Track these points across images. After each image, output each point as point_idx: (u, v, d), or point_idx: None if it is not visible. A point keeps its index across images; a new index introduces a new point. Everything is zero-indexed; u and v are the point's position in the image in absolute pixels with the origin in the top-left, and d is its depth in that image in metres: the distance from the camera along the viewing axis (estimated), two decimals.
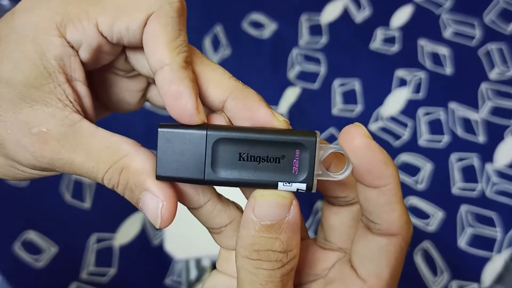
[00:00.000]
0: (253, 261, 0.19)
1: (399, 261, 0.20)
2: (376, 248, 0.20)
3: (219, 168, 0.20)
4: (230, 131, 0.19)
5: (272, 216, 0.19)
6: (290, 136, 0.19)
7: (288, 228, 0.19)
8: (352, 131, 0.19)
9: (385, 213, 0.19)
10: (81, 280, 0.51)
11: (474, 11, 0.69)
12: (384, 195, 0.19)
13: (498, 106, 0.62)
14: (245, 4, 0.69)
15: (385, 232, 0.20)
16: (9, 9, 0.22)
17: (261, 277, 0.19)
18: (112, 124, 0.64)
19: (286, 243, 0.19)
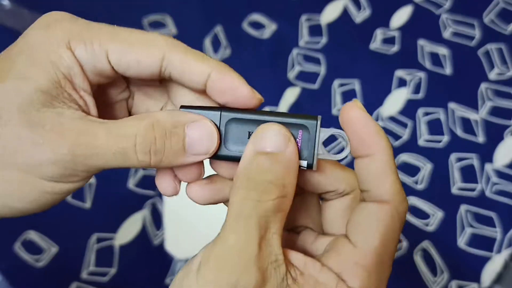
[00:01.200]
0: (242, 190, 0.19)
1: (390, 229, 0.20)
2: (367, 214, 0.20)
3: (230, 144, 0.22)
4: (241, 113, 0.21)
5: (269, 142, 0.20)
6: (295, 118, 0.21)
7: (283, 163, 0.20)
8: (350, 105, 0.21)
9: (376, 180, 0.20)
10: (81, 280, 0.52)
11: (473, 12, 0.69)
12: (375, 163, 0.20)
13: (497, 106, 0.62)
14: (245, 4, 0.69)
15: (377, 199, 0.20)
16: (9, 10, 0.22)
17: (246, 208, 0.19)
18: None
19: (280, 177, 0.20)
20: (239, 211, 0.19)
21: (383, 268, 0.20)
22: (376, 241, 0.20)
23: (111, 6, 0.68)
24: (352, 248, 0.20)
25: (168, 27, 0.67)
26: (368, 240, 0.20)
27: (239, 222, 0.19)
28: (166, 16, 0.68)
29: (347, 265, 0.20)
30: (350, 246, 0.20)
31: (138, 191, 0.56)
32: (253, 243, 0.19)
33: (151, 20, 0.67)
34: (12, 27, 0.65)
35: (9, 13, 0.66)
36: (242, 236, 0.19)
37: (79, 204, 0.55)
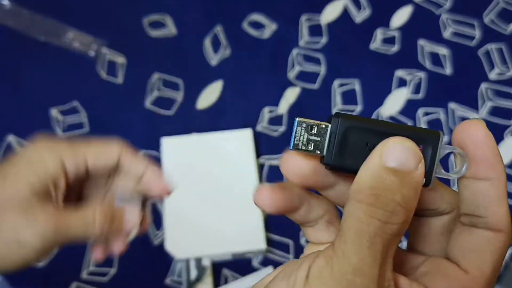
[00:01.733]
0: (368, 206, 0.18)
1: (501, 258, 0.20)
2: (482, 241, 0.20)
3: (346, 155, 0.20)
4: (359, 122, 0.20)
5: (400, 160, 0.18)
6: (416, 131, 0.20)
7: (412, 184, 0.18)
8: (474, 123, 0.20)
9: (494, 207, 0.19)
10: (81, 280, 0.52)
11: (474, 11, 0.69)
12: (495, 188, 0.19)
13: (497, 106, 0.62)
14: (245, 4, 0.69)
15: (492, 227, 0.20)
16: (9, 10, 0.22)
17: (372, 227, 0.18)
18: (112, 125, 0.64)
19: (407, 198, 0.18)
20: (363, 229, 0.18)
21: None
22: (489, 269, 0.19)
23: (111, 7, 0.68)
24: (462, 274, 0.20)
25: (168, 27, 0.67)
26: (482, 268, 0.19)
27: (363, 241, 0.18)
28: (166, 16, 0.68)
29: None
30: (460, 272, 0.20)
31: None
32: (376, 266, 0.18)
33: (151, 20, 0.67)
34: (12, 27, 0.65)
35: (9, 13, 0.66)
36: (366, 256, 0.17)
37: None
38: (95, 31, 0.65)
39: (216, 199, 0.54)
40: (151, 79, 0.63)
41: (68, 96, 0.61)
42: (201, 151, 0.56)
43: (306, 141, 0.20)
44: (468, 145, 0.19)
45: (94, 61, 0.64)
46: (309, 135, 0.20)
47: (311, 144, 0.20)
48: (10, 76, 0.63)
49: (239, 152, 0.56)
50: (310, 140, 0.20)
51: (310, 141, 0.20)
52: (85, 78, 0.63)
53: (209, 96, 0.62)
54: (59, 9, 0.67)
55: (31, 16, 0.66)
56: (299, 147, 0.20)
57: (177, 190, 0.54)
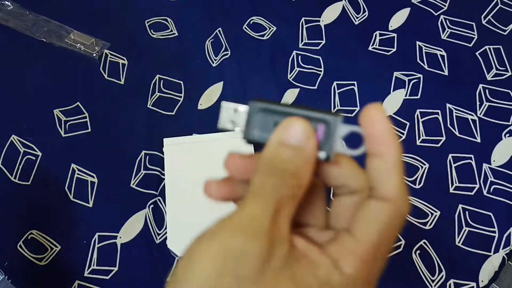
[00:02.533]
0: (264, 175, 0.22)
1: (389, 227, 0.22)
2: (369, 210, 0.22)
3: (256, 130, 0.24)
4: (270, 104, 0.24)
5: (294, 136, 0.22)
6: (319, 113, 0.23)
7: (304, 155, 0.22)
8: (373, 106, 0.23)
9: (383, 179, 0.22)
10: (84, 279, 0.52)
11: (471, 13, 0.69)
12: (384, 162, 0.22)
13: (495, 106, 0.62)
14: (246, 7, 0.69)
15: (381, 197, 0.22)
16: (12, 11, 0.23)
17: (265, 189, 0.21)
18: (115, 125, 0.64)
19: (299, 169, 0.22)
20: (259, 190, 0.22)
21: (377, 261, 0.22)
22: (374, 235, 0.21)
23: (113, 9, 0.69)
24: (351, 239, 0.22)
25: (170, 29, 0.67)
26: (366, 233, 0.22)
27: (257, 198, 0.21)
28: (168, 18, 0.68)
29: (344, 253, 0.22)
30: (350, 238, 0.22)
31: (141, 190, 0.56)
32: (267, 216, 0.21)
33: (153, 22, 0.68)
34: (15, 28, 0.66)
35: (12, 14, 0.67)
36: (258, 209, 0.21)
37: (82, 204, 0.55)
38: (97, 32, 0.66)
39: None
40: (152, 80, 0.64)
41: (71, 97, 0.62)
42: (202, 152, 0.57)
43: (230, 121, 0.25)
44: (365, 125, 0.23)
45: (97, 63, 0.64)
46: (232, 117, 0.25)
47: (233, 123, 0.25)
48: (13, 77, 0.63)
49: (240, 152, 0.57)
50: (233, 120, 0.25)
51: (232, 121, 0.25)
52: (87, 79, 0.63)
53: (210, 97, 0.63)
54: (62, 11, 0.68)
55: (33, 18, 0.67)
56: (223, 125, 0.25)
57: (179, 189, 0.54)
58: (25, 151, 0.58)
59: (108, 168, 0.57)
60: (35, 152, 0.58)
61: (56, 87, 0.63)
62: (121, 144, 0.59)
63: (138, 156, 0.58)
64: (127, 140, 0.59)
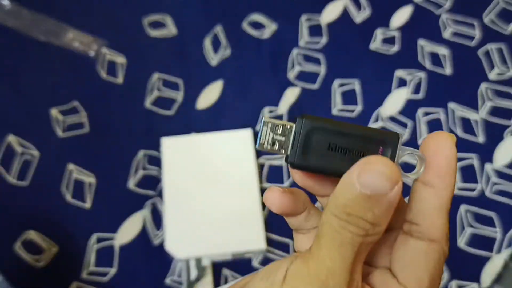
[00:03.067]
0: (341, 221, 0.19)
1: (438, 269, 0.20)
2: (417, 252, 0.20)
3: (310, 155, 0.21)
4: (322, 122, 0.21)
5: (375, 187, 0.19)
6: (377, 133, 0.21)
7: (385, 205, 0.19)
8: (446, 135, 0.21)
9: (432, 216, 0.20)
10: (81, 280, 0.52)
11: (474, 12, 0.69)
12: (438, 197, 0.20)
13: (497, 106, 0.62)
14: (245, 4, 0.69)
15: (427, 237, 0.20)
16: (9, 10, 0.22)
17: (343, 237, 0.19)
18: (113, 125, 0.64)
19: (378, 217, 0.19)
20: (336, 237, 0.19)
21: None
22: (426, 281, 0.20)
23: (110, 7, 0.68)
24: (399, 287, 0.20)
25: (168, 27, 0.67)
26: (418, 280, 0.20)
27: (335, 246, 0.19)
28: (166, 16, 0.68)
29: None
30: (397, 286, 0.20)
31: (139, 191, 0.56)
32: (347, 270, 0.19)
33: (151, 20, 0.67)
34: (12, 27, 0.66)
35: (9, 13, 0.67)
36: (339, 261, 0.19)
37: (79, 204, 0.55)
38: (95, 31, 0.66)
39: (216, 199, 0.54)
40: (151, 79, 0.63)
41: (68, 96, 0.61)
42: (201, 151, 0.56)
43: (272, 141, 0.21)
44: (429, 151, 0.20)
45: (94, 61, 0.64)
46: (274, 135, 0.21)
47: (276, 143, 0.21)
48: (10, 76, 0.63)
49: (239, 152, 0.56)
50: (276, 140, 0.21)
51: (276, 141, 0.21)
52: (85, 78, 0.63)
53: (209, 96, 0.62)
54: (59, 9, 0.67)
55: (31, 16, 0.67)
56: (264, 146, 0.21)
57: (177, 190, 0.54)
58: (22, 151, 0.57)
59: (106, 168, 0.57)
60: (32, 152, 0.58)
61: (53, 86, 0.62)
62: (119, 143, 0.59)
63: (136, 156, 0.58)
64: (125, 140, 0.59)
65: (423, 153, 0.21)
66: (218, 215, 0.53)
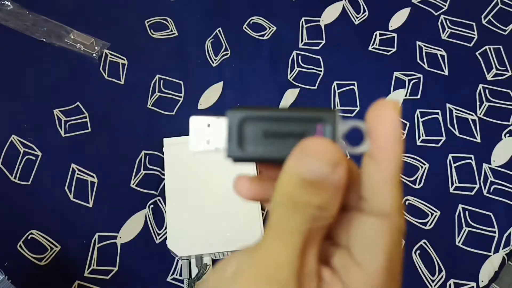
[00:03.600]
0: (287, 209, 0.18)
1: (393, 246, 0.19)
2: (369, 231, 0.19)
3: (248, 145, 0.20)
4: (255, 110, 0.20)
5: (315, 172, 0.17)
6: (312, 112, 0.20)
7: (330, 189, 0.18)
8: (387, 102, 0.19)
9: (378, 191, 0.19)
10: (84, 279, 0.52)
11: (472, 13, 0.69)
12: (381, 172, 0.19)
13: (495, 106, 0.62)
14: (246, 6, 0.69)
15: (376, 213, 0.19)
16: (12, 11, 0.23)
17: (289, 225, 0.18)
18: (114, 125, 0.64)
19: (325, 201, 0.18)
20: (283, 227, 0.18)
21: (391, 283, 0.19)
22: (382, 260, 0.19)
23: (112, 8, 0.69)
24: (359, 270, 0.19)
25: (170, 29, 0.67)
26: (374, 262, 0.19)
27: (281, 237, 0.18)
28: (168, 18, 0.68)
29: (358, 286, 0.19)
30: (357, 268, 0.19)
31: (141, 190, 0.56)
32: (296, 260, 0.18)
33: (152, 22, 0.68)
34: (14, 28, 0.66)
35: (12, 14, 0.67)
36: (285, 252, 0.18)
37: (82, 204, 0.55)
38: (97, 32, 0.66)
39: (217, 199, 0.54)
40: (152, 80, 0.64)
41: (71, 97, 0.62)
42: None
43: (205, 140, 0.20)
44: (370, 122, 0.19)
45: (96, 63, 0.64)
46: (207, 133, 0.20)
47: (210, 141, 0.20)
48: (13, 77, 0.63)
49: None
50: (209, 138, 0.20)
51: (209, 139, 0.20)
52: (87, 79, 0.63)
53: (210, 97, 0.63)
54: (62, 11, 0.68)
55: (33, 17, 0.67)
56: (198, 146, 0.20)
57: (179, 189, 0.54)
58: (25, 151, 0.58)
59: (108, 168, 0.57)
60: (35, 152, 0.58)
61: (56, 87, 0.63)
62: (121, 144, 0.59)
63: (138, 156, 0.58)
64: (127, 140, 0.59)
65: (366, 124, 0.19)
66: (219, 214, 0.53)
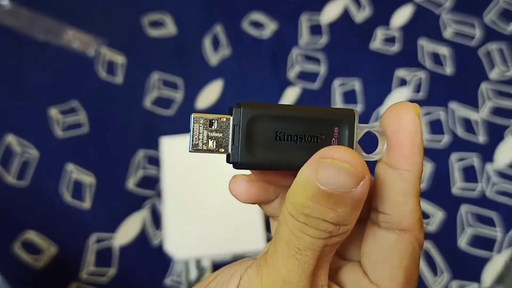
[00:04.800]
0: (299, 223, 0.16)
1: (413, 262, 0.18)
2: (387, 246, 0.18)
3: (256, 148, 0.18)
4: (265, 109, 0.17)
5: (337, 184, 0.16)
6: (329, 113, 0.18)
7: (350, 203, 0.16)
8: (407, 105, 0.17)
9: (399, 203, 0.17)
10: (80, 280, 0.51)
11: (474, 11, 0.69)
12: (403, 181, 0.17)
13: (498, 106, 0.62)
14: (245, 3, 0.69)
15: (395, 227, 0.17)
16: (9, 10, 0.22)
17: (302, 241, 0.16)
18: (112, 124, 0.64)
19: (343, 217, 0.16)
20: (294, 242, 0.17)
21: None
22: (401, 278, 0.17)
23: (111, 6, 0.68)
24: None
25: (168, 26, 0.67)
26: (392, 279, 0.18)
27: (292, 253, 0.17)
28: (166, 15, 0.67)
29: None
30: (372, 286, 0.18)
31: (138, 191, 0.56)
32: (306, 279, 0.17)
33: (150, 20, 0.67)
34: (11, 27, 0.65)
35: (9, 13, 0.66)
36: (296, 270, 0.17)
37: (79, 204, 0.55)
38: (94, 30, 0.65)
39: (216, 199, 0.53)
40: (150, 79, 0.63)
41: (67, 95, 0.61)
42: None
43: (207, 139, 0.18)
44: (389, 127, 0.17)
45: (94, 61, 0.64)
46: (209, 132, 0.18)
47: (213, 142, 0.18)
48: (9, 76, 0.63)
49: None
50: (211, 138, 0.18)
51: (211, 139, 0.18)
52: (84, 78, 0.63)
53: (209, 95, 0.62)
54: (59, 9, 0.67)
55: (30, 16, 0.66)
56: (198, 147, 0.18)
57: (177, 190, 0.54)
58: (21, 150, 0.57)
59: (105, 168, 0.57)
60: (31, 152, 0.57)
61: (52, 86, 0.62)
62: (118, 143, 0.58)
63: (135, 155, 0.58)
64: (125, 140, 0.59)
65: (383, 129, 0.18)
66: (217, 215, 0.53)
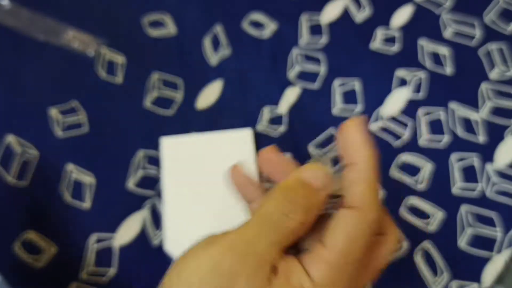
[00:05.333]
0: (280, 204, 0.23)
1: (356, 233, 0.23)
2: (338, 218, 0.24)
3: None
4: None
5: (315, 178, 0.24)
6: None
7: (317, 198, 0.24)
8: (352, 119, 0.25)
9: (351, 187, 0.24)
10: (80, 280, 0.51)
11: (474, 11, 0.68)
12: (352, 172, 0.24)
13: (498, 106, 0.62)
14: (245, 3, 0.69)
15: (346, 204, 0.24)
16: (9, 10, 0.23)
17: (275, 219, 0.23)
18: (112, 124, 0.64)
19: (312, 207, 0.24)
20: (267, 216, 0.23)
21: (348, 268, 0.23)
22: (340, 242, 0.23)
23: (109, 5, 0.68)
24: (321, 247, 0.23)
25: (168, 26, 0.67)
26: (334, 240, 0.23)
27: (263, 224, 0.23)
28: (166, 15, 0.67)
29: (313, 261, 0.23)
30: (320, 246, 0.23)
31: (138, 191, 0.56)
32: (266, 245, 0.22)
33: (150, 20, 0.67)
34: (11, 26, 0.65)
35: (9, 13, 0.66)
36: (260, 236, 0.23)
37: (79, 204, 0.55)
38: (94, 30, 0.65)
39: (215, 199, 0.53)
40: (150, 79, 0.63)
41: (67, 95, 0.61)
42: (201, 151, 0.56)
43: None
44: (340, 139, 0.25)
45: (94, 61, 0.64)
46: None
47: None
48: (9, 76, 0.63)
49: (239, 152, 0.56)
50: None
51: None
52: (84, 78, 0.63)
53: (209, 95, 0.62)
54: (59, 8, 0.67)
55: (30, 16, 0.66)
56: None
57: (177, 190, 0.54)
58: (21, 150, 0.57)
59: (106, 168, 0.57)
60: (31, 152, 0.57)
61: (52, 86, 0.62)
62: (118, 143, 0.58)
63: (135, 155, 0.58)
64: (125, 140, 0.59)
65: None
66: (217, 215, 0.53)
